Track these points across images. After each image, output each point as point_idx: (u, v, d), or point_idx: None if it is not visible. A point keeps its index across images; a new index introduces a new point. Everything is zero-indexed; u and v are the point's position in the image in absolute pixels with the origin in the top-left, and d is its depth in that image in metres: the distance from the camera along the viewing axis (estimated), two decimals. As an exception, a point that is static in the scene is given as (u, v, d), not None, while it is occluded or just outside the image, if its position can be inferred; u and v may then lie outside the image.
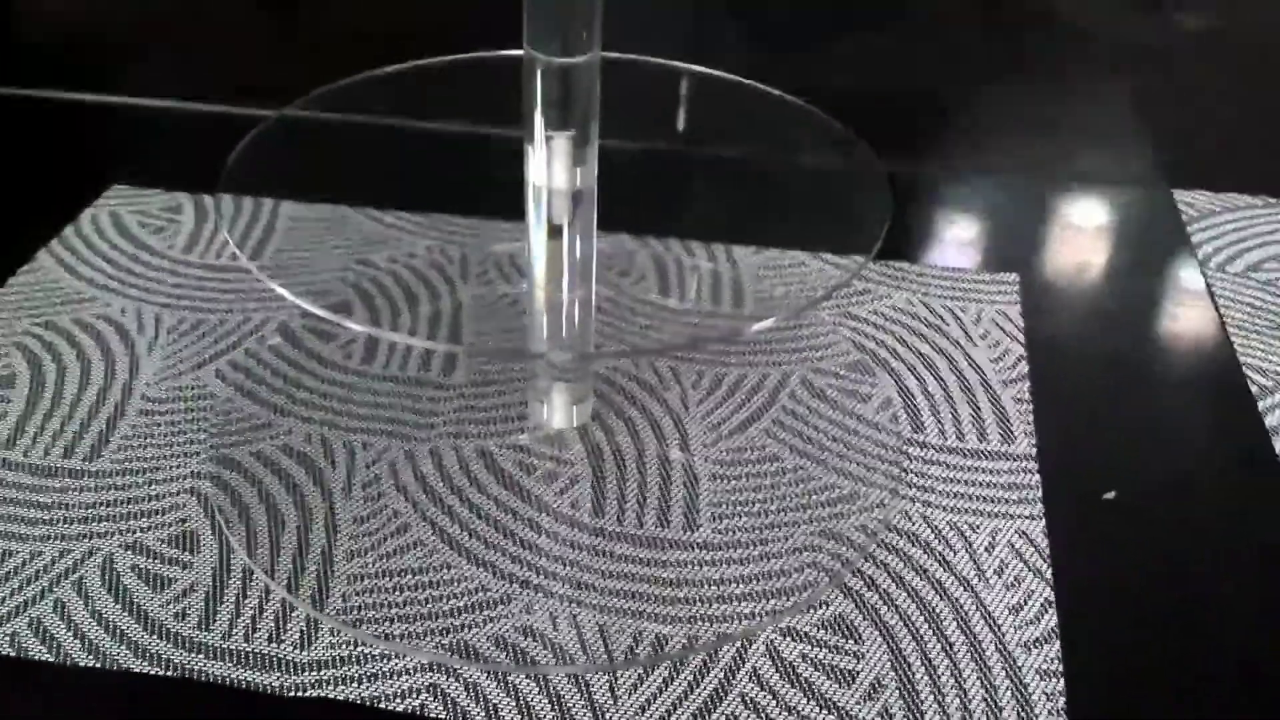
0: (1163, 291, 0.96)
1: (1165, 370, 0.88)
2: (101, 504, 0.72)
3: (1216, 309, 0.93)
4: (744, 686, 0.62)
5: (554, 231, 0.72)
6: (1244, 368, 0.87)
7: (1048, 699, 0.62)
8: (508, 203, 0.82)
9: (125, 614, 0.65)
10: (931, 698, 0.62)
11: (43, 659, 0.63)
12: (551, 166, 0.69)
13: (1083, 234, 1.03)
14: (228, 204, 1.00)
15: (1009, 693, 0.62)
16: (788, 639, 0.65)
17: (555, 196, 0.70)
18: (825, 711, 0.61)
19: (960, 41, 1.14)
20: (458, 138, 1.07)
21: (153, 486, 0.73)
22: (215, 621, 0.65)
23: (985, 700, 0.62)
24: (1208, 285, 0.96)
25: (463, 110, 1.00)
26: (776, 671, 0.63)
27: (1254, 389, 0.85)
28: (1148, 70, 1.18)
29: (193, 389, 0.81)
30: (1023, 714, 0.61)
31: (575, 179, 0.70)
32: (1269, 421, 0.82)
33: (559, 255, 0.73)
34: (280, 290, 0.68)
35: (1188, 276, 0.97)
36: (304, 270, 0.94)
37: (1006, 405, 0.83)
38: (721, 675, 0.63)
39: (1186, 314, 0.93)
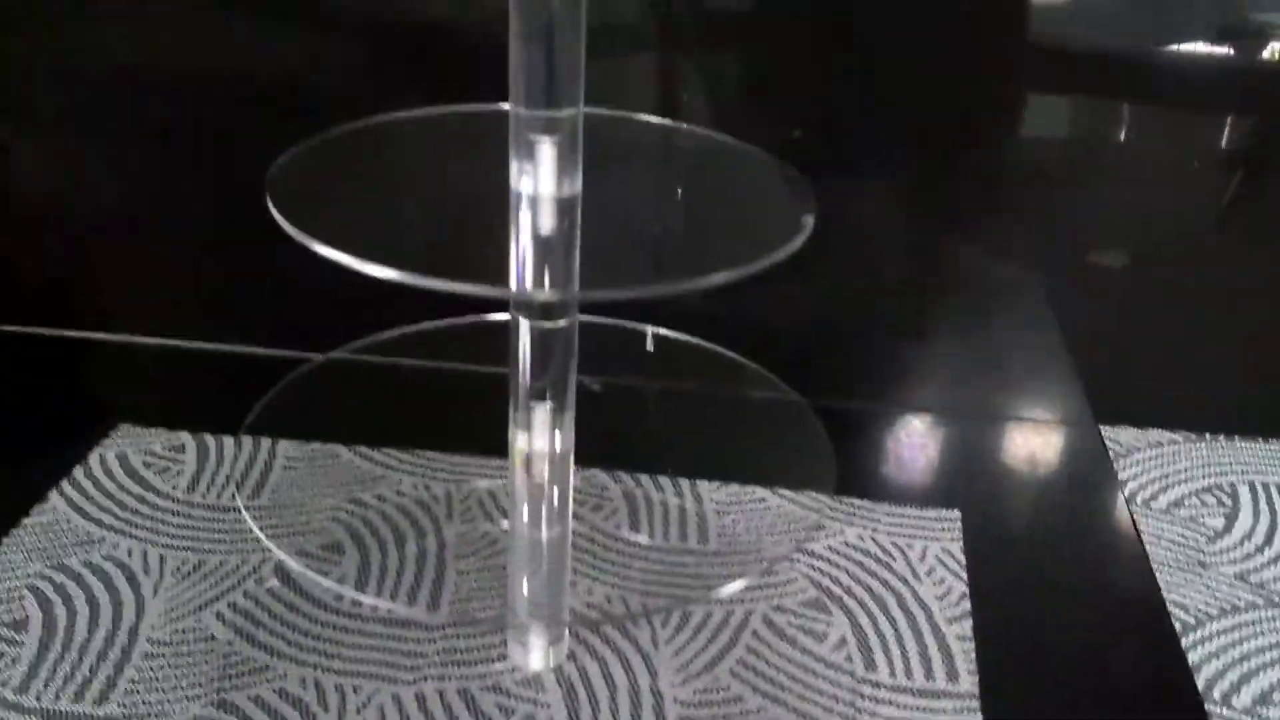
0: (1093, 529, 1.04)
1: (1096, 607, 0.95)
2: (109, 749, 0.77)
3: (1142, 545, 1.01)
4: None
5: (534, 482, 0.80)
6: (1169, 604, 0.95)
7: None
8: (488, 438, 0.89)
9: None
10: None
11: None
12: (533, 433, 0.78)
13: (1017, 471, 1.12)
14: (229, 445, 1.08)
15: None
16: None
17: (536, 458, 0.79)
18: None
19: (889, 287, 1.24)
20: (443, 375, 1.15)
21: (157, 731, 0.79)
22: None
23: None
24: (1134, 522, 1.04)
25: (450, 354, 1.08)
26: None
27: (1178, 625, 0.93)
28: (1071, 309, 1.28)
29: (195, 631, 0.87)
30: None
31: (555, 442, 0.79)
32: (1191, 658, 0.89)
33: (538, 503, 0.81)
34: (276, 551, 0.75)
35: (1116, 513, 1.06)
36: (299, 510, 1.01)
37: (951, 643, 0.89)
38: None
39: (1115, 551, 1.01)
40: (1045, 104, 1.24)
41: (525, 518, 0.81)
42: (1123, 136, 1.25)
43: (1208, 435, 1.17)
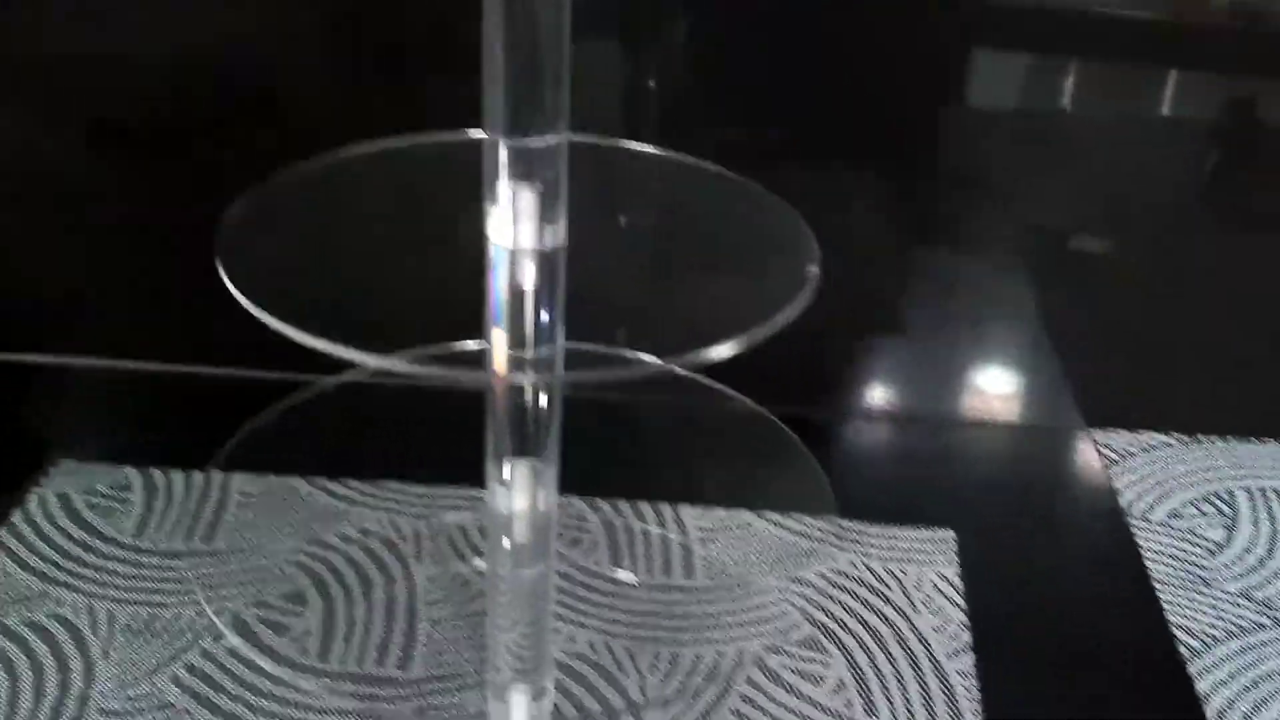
0: (1092, 547, 1.00)
1: (1099, 635, 0.91)
2: (59, 842, 0.71)
3: (1142, 563, 0.97)
4: None
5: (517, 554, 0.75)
6: (1171, 626, 0.91)
7: None
8: (458, 464, 0.84)
9: None
10: None
11: None
12: (513, 493, 0.72)
13: (1009, 484, 1.08)
14: (179, 481, 1.01)
15: None
16: None
17: (516, 519, 0.73)
18: None
19: (865, 292, 1.18)
20: (404, 395, 1.09)
21: (112, 819, 0.73)
22: None
23: None
24: (1132, 537, 1.00)
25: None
26: None
27: (1183, 650, 0.89)
28: (1055, 304, 1.24)
29: (150, 698, 0.81)
30: None
31: (538, 502, 0.73)
32: (1200, 687, 0.86)
33: (518, 556, 0.76)
34: (219, 624, 0.69)
35: (1113, 529, 1.02)
36: (257, 554, 0.94)
37: (953, 681, 0.85)
38: None
39: (1116, 572, 0.97)
40: (998, 70, 1.17)
41: (503, 569, 0.75)
42: (1071, 104, 1.20)
43: (1200, 436, 1.14)
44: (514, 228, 0.63)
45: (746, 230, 0.71)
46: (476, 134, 0.64)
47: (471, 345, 0.74)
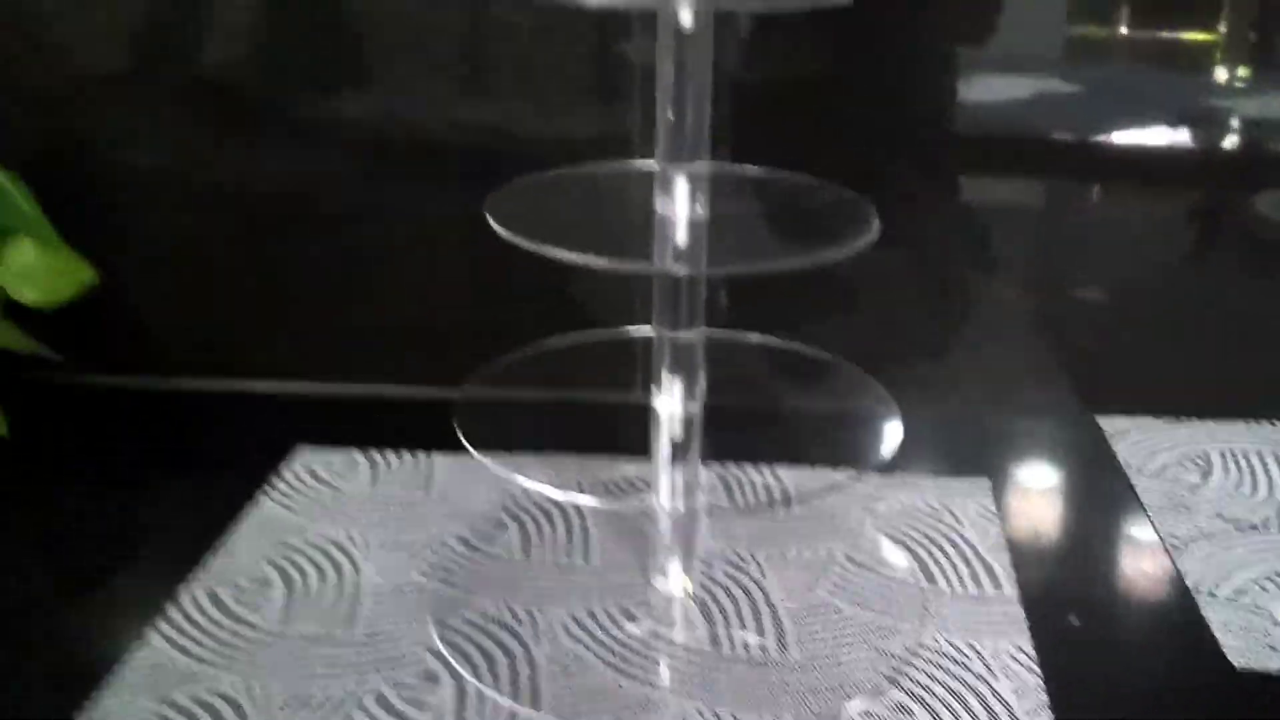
0: (1097, 489, 1.30)
1: (1099, 539, 1.21)
2: (363, 659, 1.01)
3: (1138, 497, 1.26)
4: (839, 744, 0.92)
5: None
6: (1161, 533, 1.20)
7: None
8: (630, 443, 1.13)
9: (400, 724, 0.94)
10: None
11: (354, 751, 0.91)
12: (673, 399, 1.04)
13: (1032, 450, 1.38)
14: (393, 457, 1.33)
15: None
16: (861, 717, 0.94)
17: (674, 419, 1.04)
18: (897, 755, 0.90)
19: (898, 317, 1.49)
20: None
21: (400, 647, 1.03)
22: (466, 724, 0.94)
23: None
24: (1129, 483, 1.30)
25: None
26: (859, 734, 0.92)
27: (1169, 545, 1.18)
28: (1064, 326, 1.54)
29: (408, 582, 1.12)
30: (1030, 750, 0.90)
31: (689, 407, 1.05)
32: (1182, 566, 1.14)
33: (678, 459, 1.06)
34: (516, 477, 1.00)
35: (1114, 476, 1.31)
36: (462, 503, 1.25)
37: (994, 565, 1.14)
38: (822, 739, 0.92)
39: (1115, 503, 1.27)
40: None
41: (665, 467, 1.06)
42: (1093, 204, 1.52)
43: (1184, 418, 1.43)
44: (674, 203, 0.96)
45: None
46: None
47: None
